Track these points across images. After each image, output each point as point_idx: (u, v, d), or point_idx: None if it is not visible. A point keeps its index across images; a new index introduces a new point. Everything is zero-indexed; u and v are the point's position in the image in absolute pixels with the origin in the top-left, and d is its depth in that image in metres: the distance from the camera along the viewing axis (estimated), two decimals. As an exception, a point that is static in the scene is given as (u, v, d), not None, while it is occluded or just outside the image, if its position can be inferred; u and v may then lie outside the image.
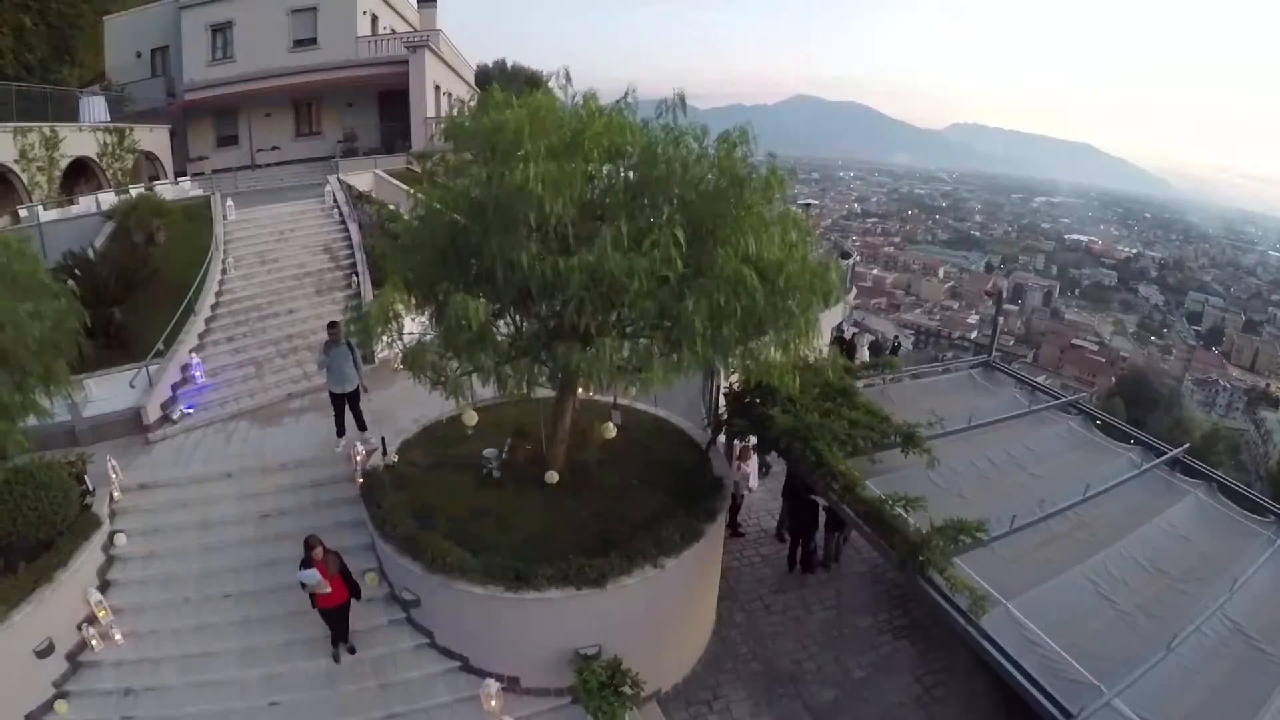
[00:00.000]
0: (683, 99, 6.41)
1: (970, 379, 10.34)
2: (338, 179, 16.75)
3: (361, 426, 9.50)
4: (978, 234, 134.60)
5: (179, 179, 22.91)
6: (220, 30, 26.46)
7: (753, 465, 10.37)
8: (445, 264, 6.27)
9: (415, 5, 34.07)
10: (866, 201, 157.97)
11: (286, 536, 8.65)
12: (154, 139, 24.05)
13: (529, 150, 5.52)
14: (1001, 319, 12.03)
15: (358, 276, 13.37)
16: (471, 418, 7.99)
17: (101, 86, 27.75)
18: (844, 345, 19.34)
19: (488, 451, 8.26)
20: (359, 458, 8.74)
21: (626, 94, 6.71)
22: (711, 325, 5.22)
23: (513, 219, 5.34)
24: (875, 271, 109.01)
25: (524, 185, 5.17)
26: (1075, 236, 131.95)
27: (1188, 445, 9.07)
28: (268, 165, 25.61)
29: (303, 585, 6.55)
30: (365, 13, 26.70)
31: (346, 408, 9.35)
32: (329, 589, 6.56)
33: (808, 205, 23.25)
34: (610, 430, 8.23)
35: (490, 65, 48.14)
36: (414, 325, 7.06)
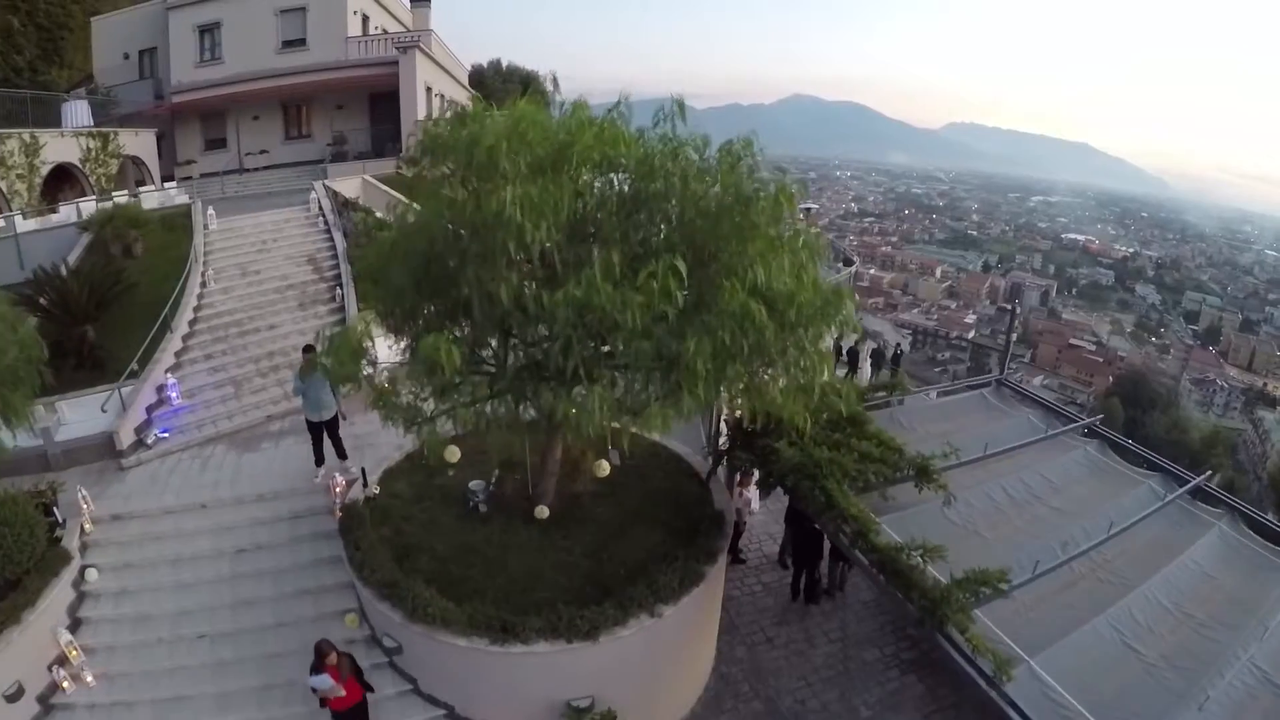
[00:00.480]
0: (681, 105, 5.92)
1: (982, 399, 9.94)
2: (323, 185, 16.23)
3: (341, 455, 9.03)
4: (975, 233, 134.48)
5: (165, 184, 22.43)
6: (208, 31, 25.93)
7: (754, 490, 9.97)
8: (421, 290, 5.79)
9: (408, 5, 33.53)
10: (863, 201, 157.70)
11: (264, 574, 8.26)
12: (139, 143, 23.50)
13: (507, 169, 5.03)
14: (1015, 334, 11.59)
15: (342, 289, 12.90)
16: (454, 454, 7.53)
17: (88, 90, 27.23)
18: (846, 356, 19.01)
19: (474, 484, 7.82)
20: (338, 489, 8.30)
21: (619, 102, 6.29)
22: (715, 365, 4.76)
23: (490, 247, 4.86)
24: (872, 271, 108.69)
25: (501, 211, 4.67)
26: (1072, 236, 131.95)
27: (1209, 473, 8.70)
28: (256, 169, 25.14)
29: (314, 690, 6.08)
30: (355, 13, 26.15)
31: (325, 435, 8.88)
32: (344, 693, 6.09)
33: (808, 210, 22.86)
34: (604, 468, 7.77)
35: (485, 65, 47.61)
36: (392, 353, 6.62)
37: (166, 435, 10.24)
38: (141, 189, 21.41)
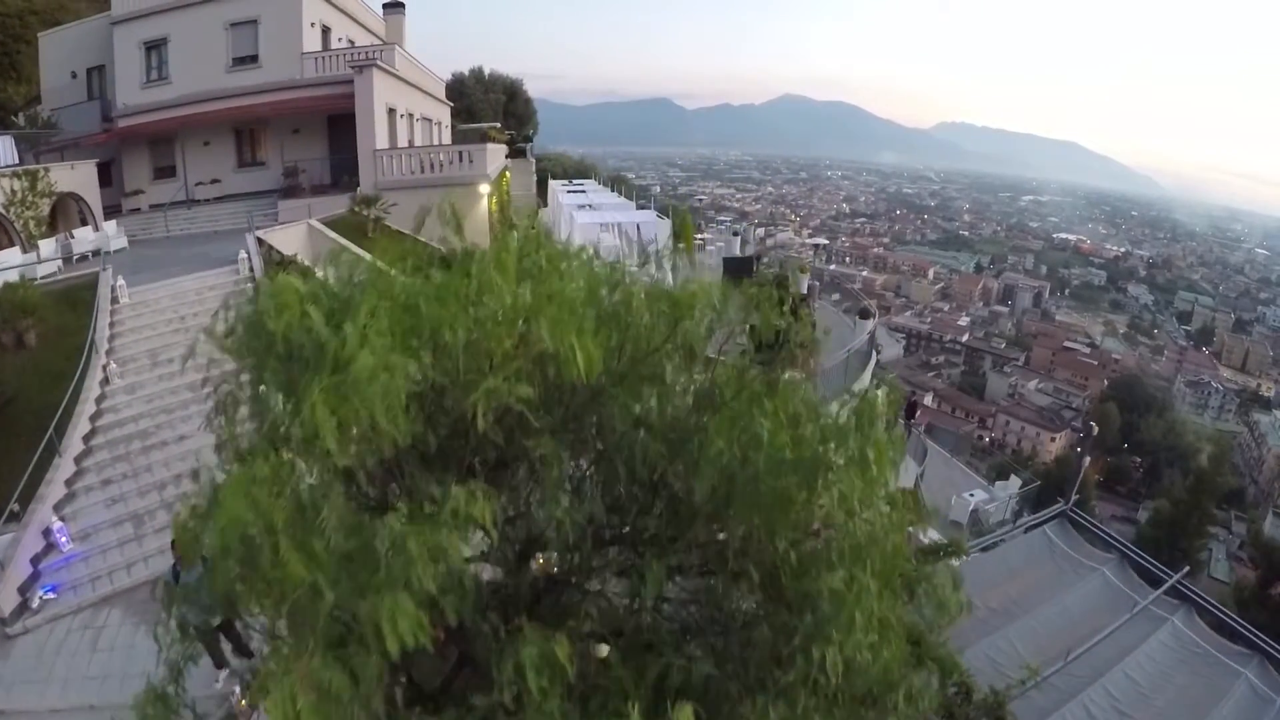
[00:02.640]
0: (686, 219, 3.90)
1: (1046, 541, 8.23)
2: (256, 239, 13.94)
3: (246, 654, 7.14)
4: (966, 234, 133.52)
5: (108, 219, 20.33)
6: (155, 48, 23.73)
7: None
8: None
9: (380, 14, 31.42)
10: (855, 201, 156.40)
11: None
12: (76, 178, 21.11)
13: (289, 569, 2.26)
14: (1086, 459, 9.65)
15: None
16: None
17: (26, 115, 24.95)
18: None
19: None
20: (242, 703, 6.44)
21: (584, 251, 3.86)
22: None
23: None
24: (865, 273, 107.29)
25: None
26: (1064, 236, 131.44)
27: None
28: (206, 201, 22.98)
29: None
30: (313, 24, 23.86)
31: (221, 635, 6.99)
32: None
33: (817, 245, 21.07)
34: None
35: (466, 74, 45.40)
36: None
37: (54, 595, 8.36)
38: (82, 229, 19.41)
